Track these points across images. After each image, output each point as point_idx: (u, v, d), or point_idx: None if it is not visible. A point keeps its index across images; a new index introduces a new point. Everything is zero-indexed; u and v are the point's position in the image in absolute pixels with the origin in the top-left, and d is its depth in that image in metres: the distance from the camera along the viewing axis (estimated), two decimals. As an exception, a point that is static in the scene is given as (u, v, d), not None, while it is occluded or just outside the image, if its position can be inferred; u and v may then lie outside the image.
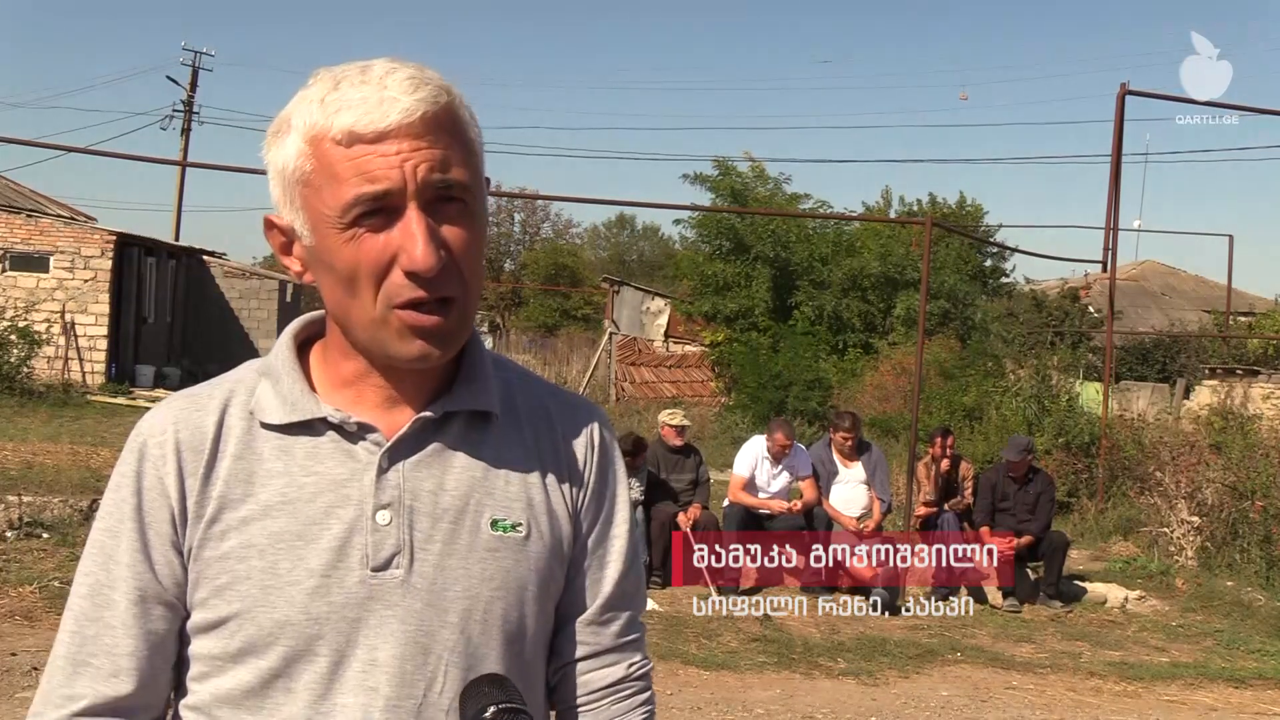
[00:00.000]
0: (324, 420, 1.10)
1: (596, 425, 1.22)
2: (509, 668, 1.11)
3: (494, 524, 1.12)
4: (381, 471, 1.09)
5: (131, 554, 1.08)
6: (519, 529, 1.13)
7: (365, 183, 1.00)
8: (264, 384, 1.12)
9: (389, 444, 1.10)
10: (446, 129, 1.03)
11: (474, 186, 1.06)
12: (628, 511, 1.24)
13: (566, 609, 1.20)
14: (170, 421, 1.10)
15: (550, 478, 1.17)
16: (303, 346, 1.17)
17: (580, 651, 1.20)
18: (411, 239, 1.00)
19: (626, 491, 1.25)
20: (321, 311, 1.16)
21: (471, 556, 1.10)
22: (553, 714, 1.24)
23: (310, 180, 1.03)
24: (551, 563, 1.15)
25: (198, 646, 1.09)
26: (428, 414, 1.11)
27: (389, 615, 1.07)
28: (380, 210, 1.01)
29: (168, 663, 1.10)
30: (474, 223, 1.06)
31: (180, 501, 1.08)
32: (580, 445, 1.20)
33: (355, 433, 1.10)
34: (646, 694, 1.24)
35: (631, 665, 1.23)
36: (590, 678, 1.20)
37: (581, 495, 1.19)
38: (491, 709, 0.99)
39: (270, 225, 1.10)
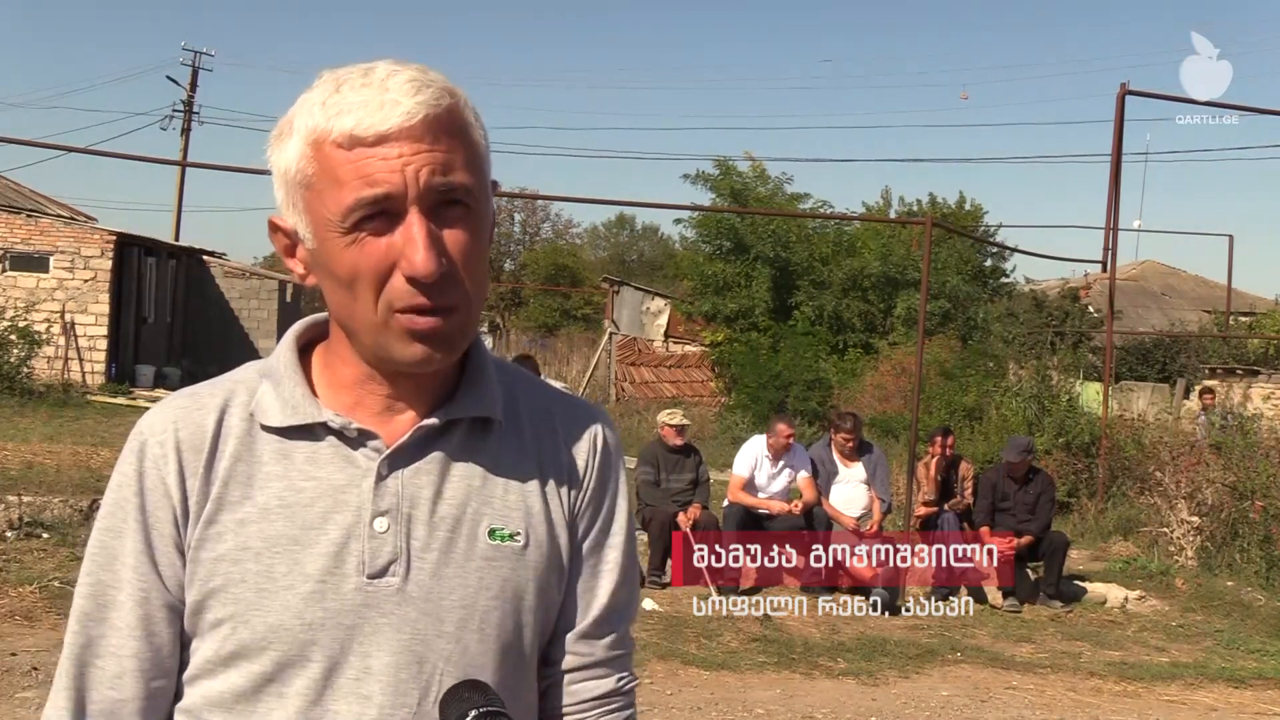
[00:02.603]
0: (324, 425, 1.09)
1: (599, 430, 1.20)
2: (505, 676, 1.10)
3: (492, 533, 1.11)
4: (380, 478, 1.08)
5: (135, 555, 1.07)
6: (517, 538, 1.12)
7: (365, 186, 0.99)
8: (265, 385, 1.11)
9: (389, 451, 1.09)
10: (449, 131, 1.02)
11: (477, 190, 1.04)
12: (626, 520, 1.21)
13: (560, 617, 1.18)
14: (170, 421, 1.09)
15: (550, 485, 1.16)
16: (305, 349, 1.16)
17: (570, 662, 1.18)
18: (412, 244, 0.99)
19: (628, 500, 1.22)
20: (325, 314, 1.15)
21: (468, 565, 1.09)
22: None
23: (312, 183, 1.02)
24: (549, 572, 1.14)
25: (189, 649, 1.09)
26: (429, 422, 1.10)
27: (384, 623, 1.06)
28: (381, 214, 1.00)
29: (173, 665, 1.10)
30: (477, 226, 1.05)
31: (182, 502, 1.07)
32: (581, 450, 1.18)
33: (355, 439, 1.09)
34: (629, 711, 1.21)
35: (620, 679, 1.20)
36: (579, 689, 1.18)
37: (579, 501, 1.18)
38: (473, 713, 0.97)
39: (274, 228, 1.09)
